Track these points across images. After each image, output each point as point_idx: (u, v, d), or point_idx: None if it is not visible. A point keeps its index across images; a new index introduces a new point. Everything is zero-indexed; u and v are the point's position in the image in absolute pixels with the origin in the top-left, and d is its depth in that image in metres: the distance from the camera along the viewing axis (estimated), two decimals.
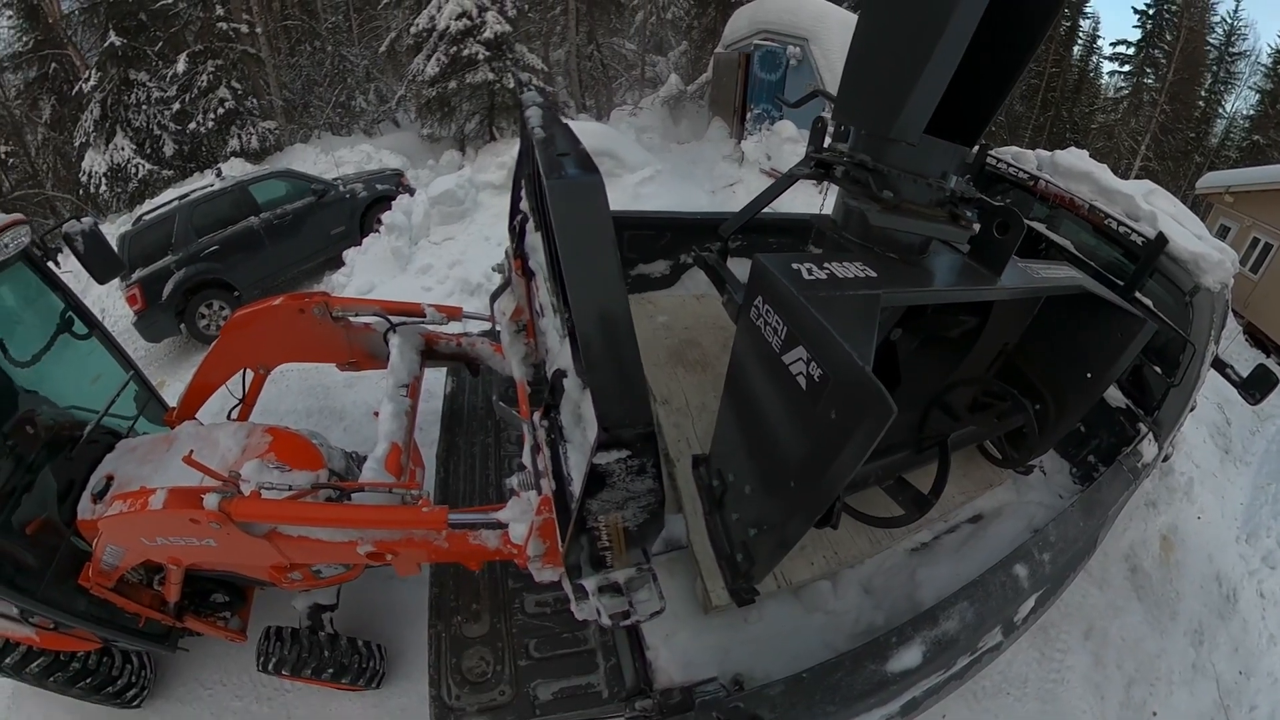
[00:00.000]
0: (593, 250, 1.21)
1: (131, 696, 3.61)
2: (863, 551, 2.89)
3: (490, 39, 14.70)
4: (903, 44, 1.88)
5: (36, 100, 16.99)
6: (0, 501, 2.98)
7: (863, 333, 1.67)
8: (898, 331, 2.71)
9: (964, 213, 2.20)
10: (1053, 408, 2.97)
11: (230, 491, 2.47)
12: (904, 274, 2.17)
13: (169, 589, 3.11)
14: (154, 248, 8.12)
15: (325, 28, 20.04)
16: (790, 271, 1.88)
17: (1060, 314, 2.86)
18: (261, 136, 16.34)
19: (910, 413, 3.00)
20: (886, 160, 2.08)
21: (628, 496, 1.52)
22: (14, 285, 3.45)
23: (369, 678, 3.50)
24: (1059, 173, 4.00)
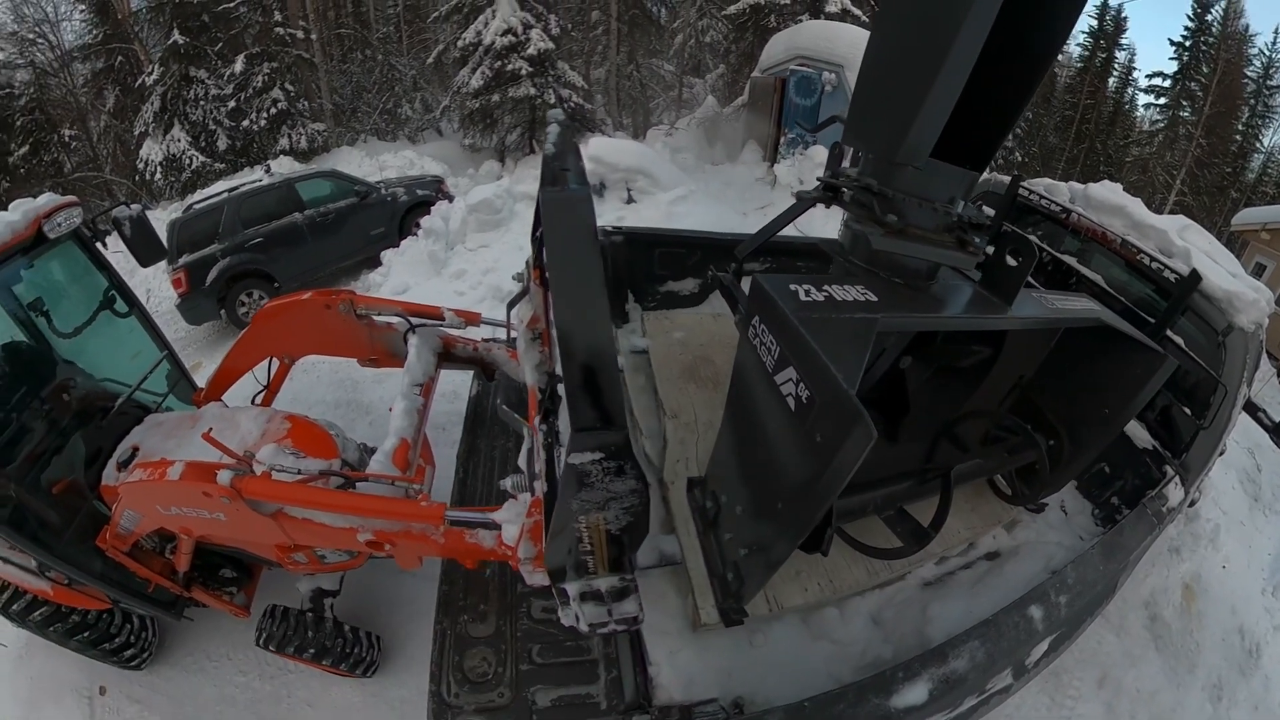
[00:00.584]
0: (576, 258, 1.25)
1: (130, 656, 3.69)
2: (859, 582, 2.77)
3: (534, 55, 14.91)
4: (909, 67, 1.84)
5: (102, 90, 17.77)
6: (31, 461, 3.11)
7: (852, 356, 1.63)
8: (907, 359, 2.60)
9: (972, 239, 2.11)
10: (1067, 444, 2.85)
11: (243, 470, 2.55)
12: (908, 300, 2.11)
13: (179, 558, 3.18)
14: (201, 236, 8.36)
15: (376, 37, 20.56)
16: (787, 292, 1.85)
17: (1078, 347, 2.74)
18: (310, 137, 16.77)
19: (917, 443, 2.91)
20: (893, 184, 2.02)
21: (609, 497, 1.51)
22: (63, 261, 3.59)
23: (361, 666, 3.53)
24: (1092, 206, 3.88)
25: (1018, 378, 2.92)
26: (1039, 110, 27.11)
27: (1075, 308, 2.53)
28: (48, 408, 3.33)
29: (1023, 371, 2.90)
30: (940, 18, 1.70)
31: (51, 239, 3.27)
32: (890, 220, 1.98)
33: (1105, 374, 2.67)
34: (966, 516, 3.13)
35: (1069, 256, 3.97)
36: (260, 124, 16.28)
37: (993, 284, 2.26)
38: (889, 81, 1.97)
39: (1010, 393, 2.98)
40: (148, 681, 3.87)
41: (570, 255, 1.25)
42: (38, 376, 3.42)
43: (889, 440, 2.77)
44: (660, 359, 3.60)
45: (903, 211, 2.00)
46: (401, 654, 3.81)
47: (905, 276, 2.17)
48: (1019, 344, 2.71)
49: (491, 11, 15.05)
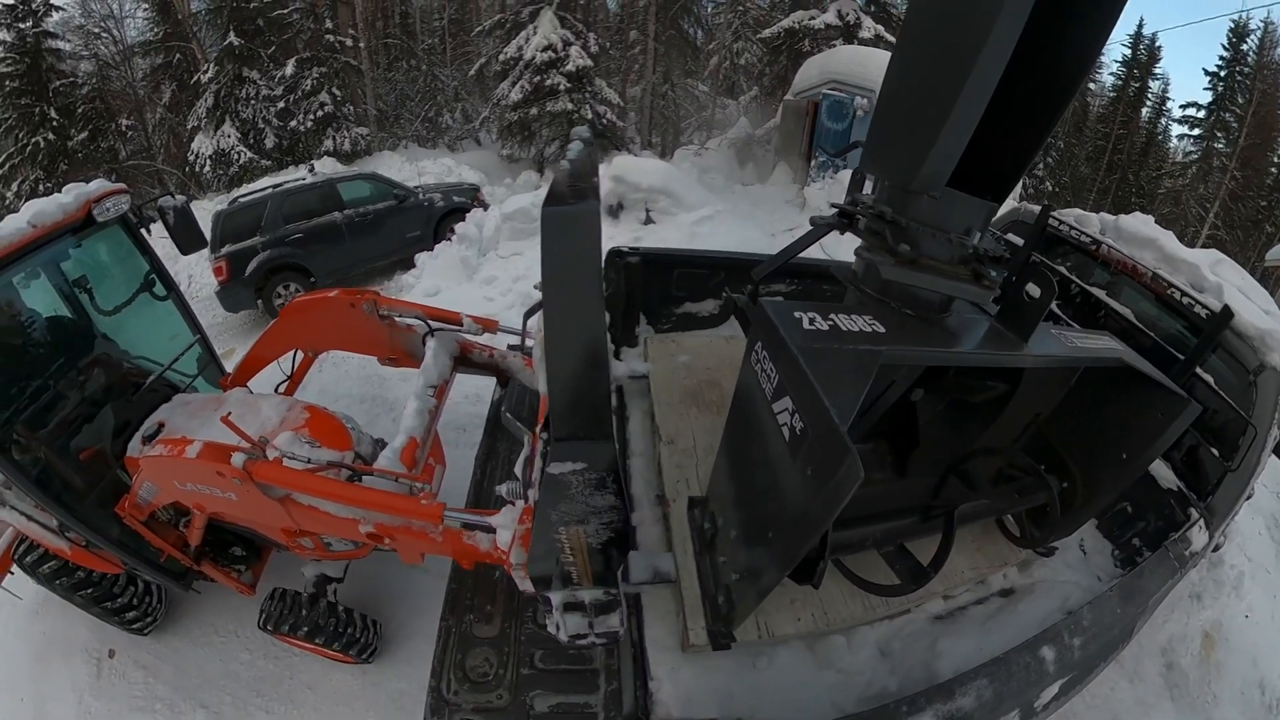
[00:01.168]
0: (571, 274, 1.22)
1: (133, 619, 3.79)
2: (854, 616, 2.65)
3: (572, 71, 15.12)
4: (927, 93, 1.78)
5: (159, 84, 18.43)
6: (63, 427, 3.25)
7: (850, 390, 1.57)
8: (919, 392, 2.51)
9: (988, 272, 2.01)
10: (1081, 488, 2.69)
11: (256, 455, 2.65)
12: (919, 332, 2.02)
13: (192, 532, 3.27)
14: (244, 228, 8.58)
15: (422, 48, 21.07)
16: (790, 320, 1.79)
17: (1098, 387, 2.60)
18: (354, 141, 17.14)
19: (926, 477, 2.79)
20: (908, 213, 1.95)
21: (589, 511, 1.48)
22: (109, 244, 3.74)
23: (357, 647, 3.53)
24: (1122, 238, 3.76)
25: (1034, 416, 2.79)
26: (1070, 139, 26.51)
27: (1096, 346, 2.40)
28: (83, 379, 3.48)
29: (1039, 409, 2.77)
30: (960, 43, 1.64)
31: (100, 222, 3.41)
32: (903, 250, 1.92)
33: (1125, 416, 2.52)
34: (971, 556, 2.99)
35: (1098, 289, 3.86)
36: (307, 125, 16.71)
37: (1010, 319, 2.16)
38: (907, 108, 1.92)
39: (1025, 431, 2.84)
40: (155, 649, 3.95)
41: (565, 271, 1.22)
42: (76, 349, 3.59)
43: (898, 474, 2.69)
44: (661, 383, 3.53)
45: (916, 241, 1.93)
46: (405, 647, 3.81)
47: (917, 308, 2.08)
48: (1036, 381, 2.59)
49: (533, 28, 15.32)
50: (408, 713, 3.41)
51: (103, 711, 3.75)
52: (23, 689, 3.94)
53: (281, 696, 3.69)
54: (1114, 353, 2.38)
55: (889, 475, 2.70)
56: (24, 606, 4.18)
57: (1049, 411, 2.77)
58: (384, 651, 3.79)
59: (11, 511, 3.39)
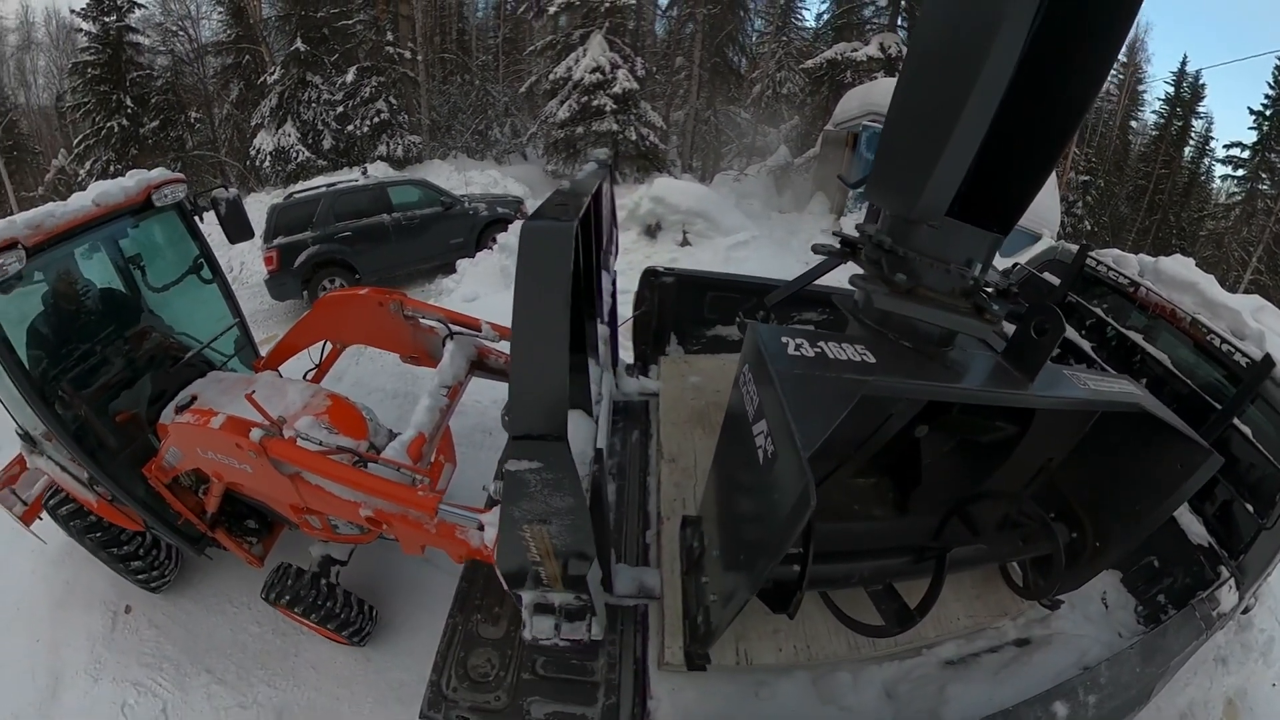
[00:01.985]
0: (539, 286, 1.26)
1: (146, 577, 3.95)
2: (838, 654, 2.52)
3: (619, 93, 15.37)
4: (925, 121, 1.75)
5: (228, 82, 19.33)
6: (104, 389, 3.46)
7: (822, 418, 1.52)
8: (923, 429, 2.42)
9: (989, 306, 1.92)
10: (1091, 539, 2.50)
11: (273, 432, 2.77)
12: (915, 366, 1.94)
13: (209, 499, 3.42)
14: (297, 222, 8.89)
15: (476, 64, 21.65)
16: (777, 344, 1.76)
17: (1114, 434, 2.45)
18: (406, 148, 17.61)
19: (927, 517, 2.67)
20: (908, 243, 1.89)
21: (549, 511, 1.47)
22: (164, 227, 3.96)
23: (353, 632, 3.60)
24: (1161, 281, 3.63)
25: (1046, 460, 2.63)
26: (1110, 178, 25.71)
27: (1113, 390, 2.24)
28: (128, 348, 3.72)
29: (1052, 454, 2.62)
30: (956, 72, 1.60)
31: (157, 207, 3.61)
32: (898, 279, 1.86)
33: (1142, 465, 2.33)
34: (969, 603, 2.80)
35: (1134, 333, 3.72)
36: (363, 130, 17.24)
37: (1016, 356, 2.02)
38: (907, 138, 1.88)
39: (1037, 476, 2.69)
40: (170, 611, 4.07)
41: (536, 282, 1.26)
42: (125, 319, 3.83)
43: (899, 511, 2.60)
44: (669, 402, 3.52)
45: (916, 271, 1.87)
46: (411, 640, 3.80)
47: (917, 340, 2.01)
48: (1049, 424, 2.46)
49: (583, 50, 15.65)
50: (405, 704, 3.39)
51: (112, 662, 3.87)
52: (40, 631, 4.10)
53: (285, 672, 3.73)
54: (1132, 398, 2.21)
55: (889, 512, 2.60)
56: (48, 554, 4.35)
57: (1062, 457, 2.61)
58: (389, 641, 3.80)
59: (48, 461, 3.64)
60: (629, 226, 10.01)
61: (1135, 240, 25.43)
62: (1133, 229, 25.95)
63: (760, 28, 19.91)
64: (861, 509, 2.58)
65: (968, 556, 2.45)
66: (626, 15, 17.48)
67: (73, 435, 3.20)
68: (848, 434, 2.22)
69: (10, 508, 3.93)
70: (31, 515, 3.95)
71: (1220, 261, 23.47)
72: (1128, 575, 3.25)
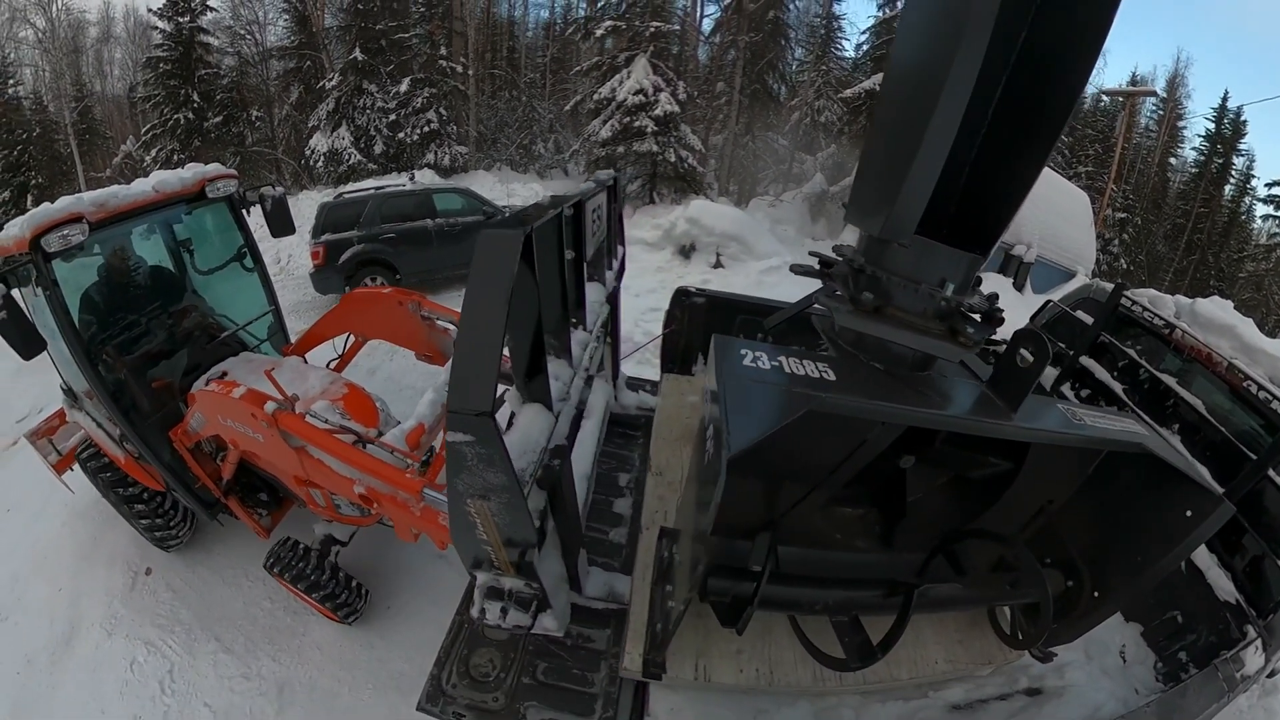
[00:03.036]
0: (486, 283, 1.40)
1: (161, 535, 4.19)
2: (800, 684, 2.41)
3: (660, 116, 15.53)
4: (893, 142, 1.73)
5: (289, 85, 20.20)
6: (145, 358, 3.73)
7: (757, 424, 1.53)
8: (909, 460, 2.26)
9: (965, 329, 1.82)
10: (1088, 589, 2.30)
11: (285, 407, 2.96)
12: (882, 388, 1.86)
13: (226, 466, 3.62)
14: (344, 221, 9.17)
15: (524, 81, 22.40)
16: (735, 354, 1.78)
17: (1119, 477, 2.25)
18: (453, 157, 18.09)
19: (912, 553, 2.51)
20: (881, 263, 1.85)
21: (487, 486, 1.53)
22: (214, 217, 4.26)
23: (344, 610, 3.68)
24: (1198, 323, 3.50)
25: (1045, 502, 2.47)
26: (1148, 216, 24.97)
27: (1113, 429, 2.04)
28: (170, 322, 3.99)
29: (1051, 496, 2.45)
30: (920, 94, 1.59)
31: (210, 198, 3.87)
32: (864, 298, 1.81)
33: (1147, 512, 2.16)
34: (950, 647, 2.63)
35: (1168, 376, 3.58)
36: (413, 138, 17.76)
37: (999, 385, 1.89)
38: (878, 158, 1.86)
39: (1035, 518, 2.52)
40: (188, 577, 4.22)
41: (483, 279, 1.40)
42: (170, 296, 4.11)
43: (884, 544, 2.47)
44: (665, 418, 3.52)
45: (887, 291, 1.81)
46: (417, 633, 3.81)
47: (889, 363, 1.94)
48: (1045, 463, 2.31)
49: (627, 72, 15.89)
50: (404, 694, 3.38)
51: (127, 619, 4.00)
52: (63, 581, 4.31)
53: (290, 649, 3.77)
54: (1135, 437, 2.02)
55: (873, 545, 2.49)
56: (79, 509, 4.61)
57: (1063, 500, 2.45)
58: (395, 631, 3.82)
59: (86, 417, 3.99)
60: (663, 246, 10.06)
61: (1172, 280, 24.68)
62: (1170, 269, 25.21)
63: (800, 57, 20.08)
64: (844, 538, 2.48)
65: (945, 596, 2.30)
66: (670, 40, 17.79)
67: (111, 395, 3.44)
68: (820, 457, 2.13)
69: (45, 456, 4.29)
70: (64, 465, 4.30)
71: (1260, 305, 22.66)
72: (1148, 629, 3.11)
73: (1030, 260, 9.98)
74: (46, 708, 3.65)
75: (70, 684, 3.74)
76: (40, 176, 21.20)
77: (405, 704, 3.10)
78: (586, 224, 2.29)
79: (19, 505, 5.24)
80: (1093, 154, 22.87)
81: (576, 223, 2.20)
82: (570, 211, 2.10)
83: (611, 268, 3.08)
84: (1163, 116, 26.11)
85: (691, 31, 20.20)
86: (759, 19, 17.90)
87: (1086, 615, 2.32)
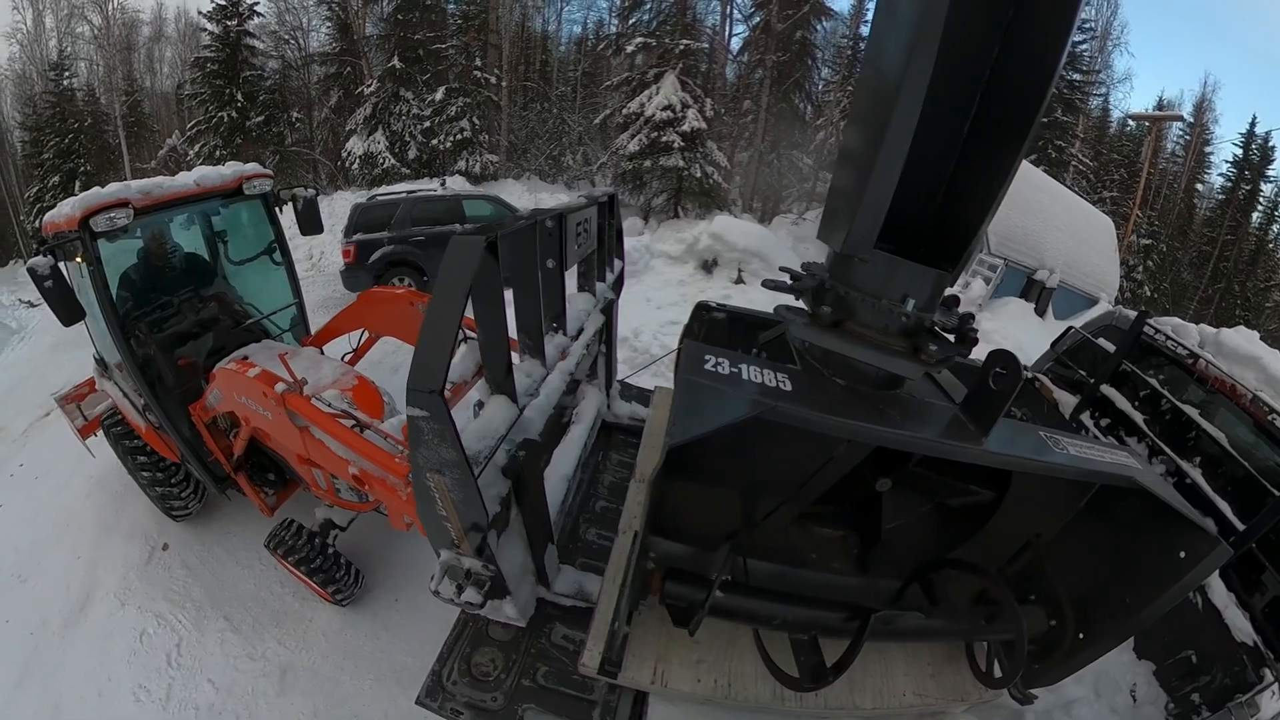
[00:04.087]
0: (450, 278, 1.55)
1: (174, 505, 4.37)
2: (759, 699, 2.33)
3: (687, 131, 15.65)
4: (852, 159, 1.73)
5: (329, 89, 20.68)
6: (174, 337, 3.95)
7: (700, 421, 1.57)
8: (886, 483, 2.19)
9: (928, 345, 1.77)
10: (1071, 630, 2.15)
11: (294, 389, 3.13)
12: (841, 404, 1.81)
13: (238, 443, 3.79)
14: (376, 222, 9.36)
15: (555, 94, 22.73)
16: (696, 357, 1.81)
17: (1112, 514, 2.14)
18: (484, 165, 18.38)
19: (885, 579, 2.44)
20: (845, 279, 1.83)
21: (441, 461, 1.61)
22: (250, 213, 4.47)
23: (338, 592, 3.77)
24: (1223, 353, 3.42)
25: (1032, 536, 2.31)
26: (1174, 243, 24.29)
27: (1101, 460, 1.90)
28: (201, 306, 4.22)
29: (1039, 530, 2.30)
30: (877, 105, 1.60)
31: (246, 195, 4.05)
32: (823, 312, 1.81)
33: (1139, 552, 2.03)
34: (922, 681, 2.47)
35: (1190, 407, 3.49)
36: (446, 145, 18.08)
37: (971, 407, 1.83)
38: (841, 175, 1.85)
39: (1021, 553, 2.35)
40: (203, 555, 4.32)
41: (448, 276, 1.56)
42: (202, 282, 4.36)
43: (860, 569, 2.42)
44: (654, 428, 3.51)
45: (850, 307, 1.80)
46: (422, 628, 3.78)
47: (853, 379, 1.90)
48: (1033, 494, 2.19)
49: (656, 88, 16.04)
50: (404, 687, 3.38)
51: (141, 591, 4.11)
52: (83, 549, 4.46)
53: (296, 634, 3.80)
54: (1126, 470, 1.87)
55: (849, 568, 2.44)
56: (100, 479, 4.81)
57: (1052, 535, 2.30)
58: (401, 625, 3.83)
59: (114, 386, 4.27)
60: (686, 260, 10.08)
61: (1197, 309, 23.95)
62: (1195, 297, 24.55)
63: (827, 77, 20.03)
64: (820, 559, 2.43)
65: (914, 627, 2.16)
66: (699, 58, 17.89)
67: (139, 367, 3.65)
68: (783, 472, 2.13)
69: (73, 419, 4.63)
70: (89, 430, 4.60)
71: None
72: (1161, 668, 3.03)
73: (1053, 286, 9.79)
74: (56, 669, 3.75)
75: (80, 649, 3.83)
76: (89, 164, 22.16)
77: (404, 696, 3.10)
78: (569, 236, 2.34)
79: (46, 474, 5.47)
80: (1118, 179, 22.40)
81: (558, 235, 2.26)
82: (551, 224, 2.19)
83: (605, 279, 3.13)
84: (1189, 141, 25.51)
85: (720, 50, 20.27)
86: (787, 39, 18.01)
87: (1070, 658, 2.17)
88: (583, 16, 26.13)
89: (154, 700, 3.51)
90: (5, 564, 4.54)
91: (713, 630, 2.30)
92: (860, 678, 2.31)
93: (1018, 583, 2.31)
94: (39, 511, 4.98)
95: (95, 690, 3.60)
